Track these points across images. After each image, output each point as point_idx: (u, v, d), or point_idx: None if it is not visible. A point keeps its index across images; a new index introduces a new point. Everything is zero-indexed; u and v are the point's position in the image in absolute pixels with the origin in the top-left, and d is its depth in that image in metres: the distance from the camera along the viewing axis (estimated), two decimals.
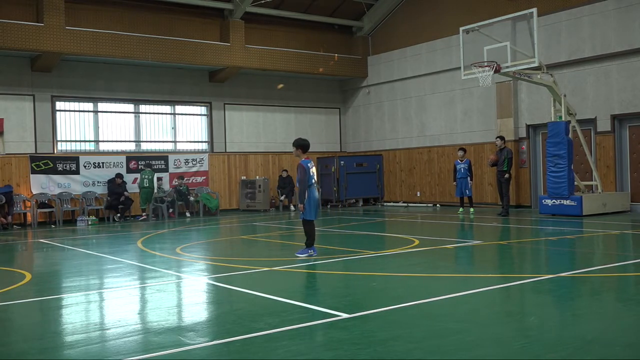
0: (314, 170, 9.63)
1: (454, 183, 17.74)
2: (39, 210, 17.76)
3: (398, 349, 4.67)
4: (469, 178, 17.34)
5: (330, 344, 4.95)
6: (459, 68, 16.56)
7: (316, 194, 9.59)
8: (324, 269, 8.50)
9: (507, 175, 16.29)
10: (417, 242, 11.10)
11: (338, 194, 22.30)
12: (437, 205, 20.80)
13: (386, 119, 23.01)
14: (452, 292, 6.59)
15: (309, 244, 9.52)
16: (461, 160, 17.51)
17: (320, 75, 22.68)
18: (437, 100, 21.14)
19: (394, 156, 22.61)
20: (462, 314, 5.80)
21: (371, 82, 23.39)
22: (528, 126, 18.26)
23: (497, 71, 14.99)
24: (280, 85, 21.26)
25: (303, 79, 23.09)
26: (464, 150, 17.86)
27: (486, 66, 15.12)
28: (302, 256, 9.34)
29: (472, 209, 17.36)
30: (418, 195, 21.67)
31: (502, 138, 16.75)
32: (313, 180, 9.55)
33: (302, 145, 9.69)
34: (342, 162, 22.34)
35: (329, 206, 22.26)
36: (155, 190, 19.17)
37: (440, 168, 20.88)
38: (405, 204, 21.75)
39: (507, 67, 15.04)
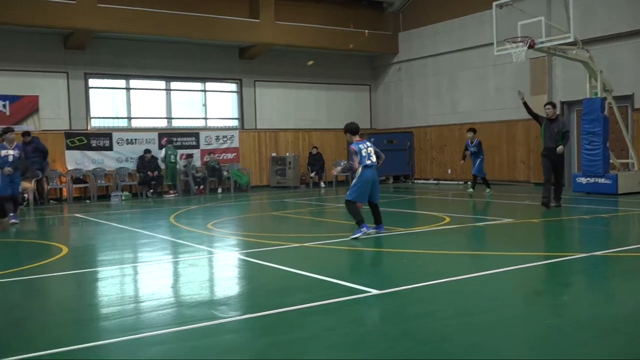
0: (369, 150, 9.33)
1: (462, 162, 16.87)
2: (74, 186, 18.11)
3: (428, 325, 4.69)
4: (480, 159, 16.18)
5: (360, 320, 4.98)
6: (492, 44, 16.27)
7: (368, 175, 9.30)
8: (354, 245, 8.53)
9: (559, 148, 12.11)
10: (448, 219, 11.05)
11: None
12: (469, 182, 20.61)
13: (417, 96, 22.79)
14: (483, 269, 6.57)
15: (359, 222, 9.13)
16: (472, 142, 16.28)
17: (351, 52, 22.49)
18: (468, 77, 20.86)
19: (425, 133, 22.44)
20: (493, 291, 5.79)
21: (402, 58, 23.14)
22: (562, 103, 17.92)
23: (531, 47, 14.69)
24: (310, 62, 21.17)
25: (333, 56, 22.94)
26: (474, 130, 16.53)
27: (520, 42, 14.83)
28: (357, 235, 8.96)
29: (488, 190, 16.16)
30: (449, 172, 21.51)
31: (553, 105, 12.74)
32: (367, 161, 9.25)
33: (349, 129, 9.51)
34: (372, 139, 22.20)
35: None
36: (179, 167, 19.34)
37: None
38: (436, 182, 21.62)
39: (542, 42, 14.72)
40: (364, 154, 9.29)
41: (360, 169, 9.27)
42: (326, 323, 4.85)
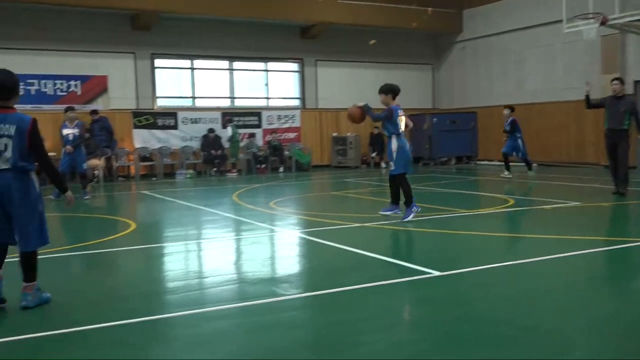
0: (404, 119, 8.80)
1: (505, 140, 15.81)
2: (141, 164, 18.66)
3: (489, 308, 4.64)
4: (519, 138, 15.33)
5: (420, 301, 4.96)
6: (561, 21, 15.73)
7: (405, 142, 8.77)
8: (415, 226, 8.47)
9: None
10: (511, 201, 10.83)
11: (430, 152, 22.01)
12: (535, 164, 20.10)
13: (481, 75, 22.30)
14: (547, 254, 6.41)
15: (408, 202, 8.67)
16: (506, 121, 15.32)
17: (413, 30, 22.16)
18: (536, 55, 20.25)
19: (489, 113, 21.94)
20: (558, 276, 5.65)
21: (466, 36, 22.66)
22: (636, 82, 17.17)
23: (603, 23, 14.13)
24: (373, 41, 20.96)
25: (395, 34, 22.65)
26: (511, 108, 15.41)
27: (591, 18, 14.28)
28: (409, 218, 8.56)
29: (506, 172, 15.29)
30: (514, 154, 20.98)
31: (622, 81, 11.39)
32: (401, 130, 8.77)
33: (392, 90, 8.81)
34: (434, 120, 21.95)
35: (420, 164, 22.06)
36: (241, 145, 19.60)
37: (539, 126, 20.11)
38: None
39: (615, 18, 14.13)
40: (399, 121, 8.77)
41: (395, 140, 8.73)
42: (386, 303, 4.87)
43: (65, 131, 12.45)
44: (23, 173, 4.71)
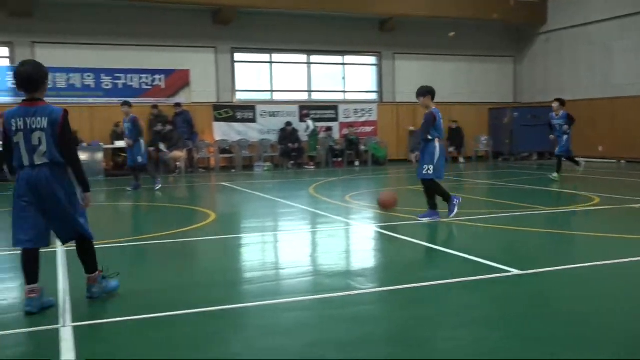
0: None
1: (552, 136, 14.48)
2: (220, 156, 19.10)
3: (572, 308, 4.48)
4: (565, 135, 13.99)
5: (501, 299, 4.85)
6: None
7: (442, 147, 8.54)
8: (494, 223, 8.29)
9: None
10: (597, 200, 10.40)
11: (510, 147, 21.44)
12: (622, 161, 19.26)
13: (565, 68, 21.48)
14: (634, 255, 6.12)
15: (448, 197, 8.57)
16: (557, 115, 14.07)
17: (494, 22, 21.57)
18: (625, 47, 19.31)
19: (574, 107, 21.05)
20: None
21: (551, 27, 21.87)
22: None
23: None
24: (452, 34, 20.57)
25: (475, 26, 22.11)
26: (560, 101, 14.13)
27: None
28: (455, 212, 8.43)
29: (555, 174, 14.10)
30: (600, 150, 20.17)
31: None
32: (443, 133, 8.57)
33: (430, 92, 8.62)
34: (515, 114, 21.35)
35: (500, 159, 21.55)
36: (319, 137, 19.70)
37: (627, 121, 19.21)
38: (584, 160, 20.33)
39: None
40: (441, 124, 8.56)
41: (438, 144, 8.46)
42: (463, 300, 4.79)
43: (124, 126, 13.18)
44: (61, 167, 4.51)
